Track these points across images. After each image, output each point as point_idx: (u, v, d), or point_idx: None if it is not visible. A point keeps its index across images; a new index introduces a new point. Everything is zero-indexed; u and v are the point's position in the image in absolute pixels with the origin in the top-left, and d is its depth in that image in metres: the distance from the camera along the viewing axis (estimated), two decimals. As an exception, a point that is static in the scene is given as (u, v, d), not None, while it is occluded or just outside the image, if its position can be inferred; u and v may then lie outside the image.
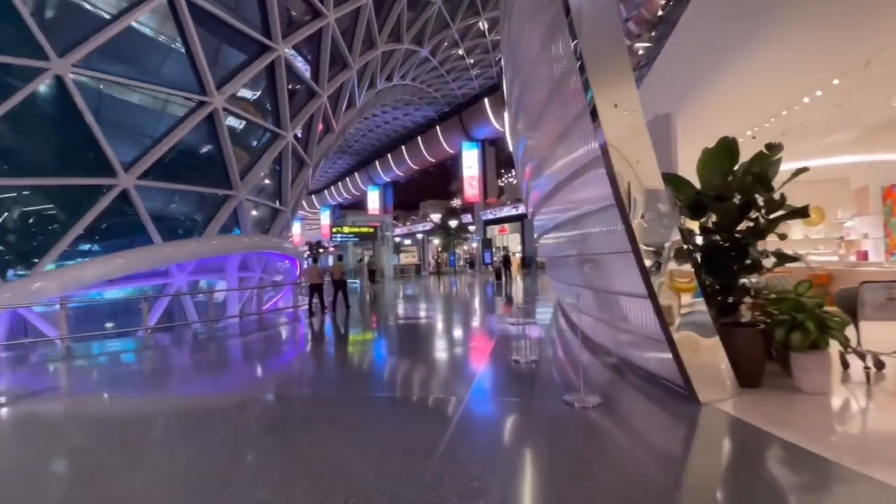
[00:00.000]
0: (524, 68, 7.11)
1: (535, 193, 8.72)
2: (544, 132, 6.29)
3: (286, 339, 9.40)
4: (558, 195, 6.02)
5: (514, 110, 10.09)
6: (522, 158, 10.05)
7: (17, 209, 9.66)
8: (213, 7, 10.77)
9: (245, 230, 13.76)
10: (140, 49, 10.37)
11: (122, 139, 10.33)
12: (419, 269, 40.37)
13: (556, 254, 7.93)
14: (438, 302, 14.84)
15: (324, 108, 16.75)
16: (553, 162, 5.95)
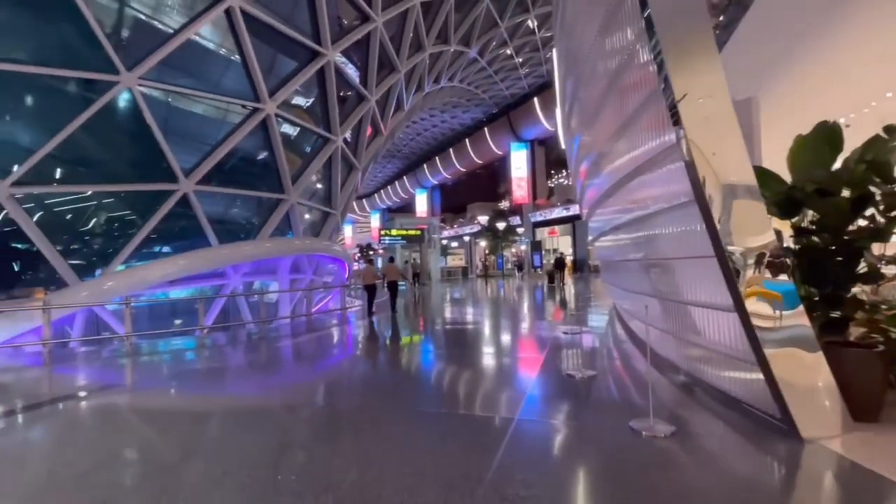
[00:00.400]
0: (581, 58, 6.58)
1: (590, 193, 8.11)
2: (603, 125, 5.74)
3: (332, 342, 9.40)
4: (619, 193, 5.45)
5: (568, 106, 9.52)
6: (577, 156, 9.44)
7: (91, 214, 10.42)
8: (267, 16, 11.08)
9: (297, 233, 14.10)
10: (199, 60, 10.88)
11: (184, 146, 10.87)
12: (466, 272, 40.08)
13: (615, 257, 7.29)
14: (486, 306, 14.44)
15: (372, 111, 16.90)
16: (613, 158, 5.40)
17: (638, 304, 6.41)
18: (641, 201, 4.61)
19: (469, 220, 55.71)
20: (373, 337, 9.55)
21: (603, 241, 8.47)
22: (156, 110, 9.87)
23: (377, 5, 14.54)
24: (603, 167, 6.16)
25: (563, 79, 10.30)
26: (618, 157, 5.17)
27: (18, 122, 9.24)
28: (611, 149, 5.50)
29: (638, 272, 5.67)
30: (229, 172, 11.73)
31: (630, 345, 6.77)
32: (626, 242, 5.89)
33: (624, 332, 7.74)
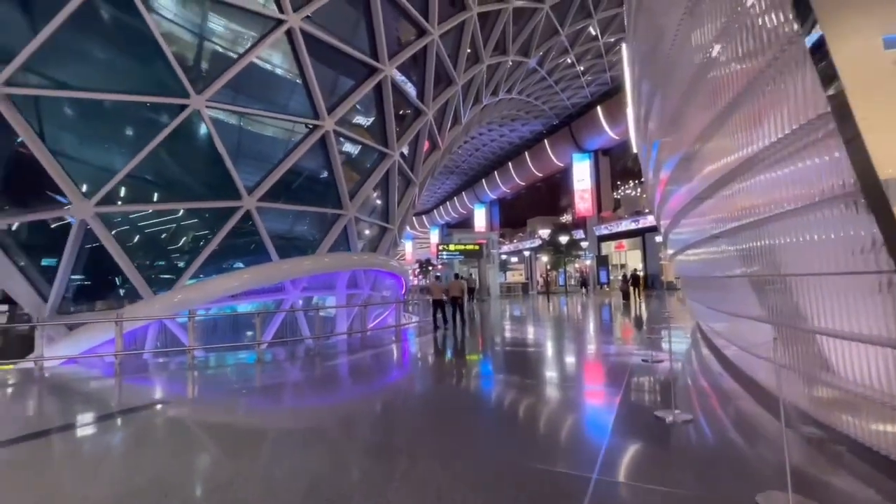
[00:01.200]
0: (660, 53, 5.72)
1: (674, 201, 7.07)
2: (693, 123, 4.83)
3: (388, 361, 8.99)
4: (717, 198, 4.48)
5: (644, 109, 8.53)
6: (655, 163, 8.39)
7: (163, 231, 11.03)
8: (326, 35, 11.26)
9: (354, 248, 14.09)
10: (261, 81, 11.27)
11: (248, 164, 11.23)
12: (527, 288, 38.67)
13: (708, 273, 6.17)
14: (551, 326, 13.38)
15: (429, 125, 16.74)
16: (709, 158, 4.47)
17: (739, 329, 5.28)
18: (755, 206, 3.65)
19: (529, 234, 54.20)
20: (428, 357, 9.01)
21: (689, 254, 7.32)
22: (221, 131, 10.27)
23: (433, 19, 14.43)
24: (693, 170, 5.20)
25: (636, 81, 9.31)
26: (717, 157, 4.25)
27: (101, 146, 10.00)
28: (704, 148, 4.57)
29: (743, 291, 4.61)
30: (290, 189, 11.97)
31: (729, 378, 5.60)
32: (726, 255, 4.85)
33: (716, 361, 6.52)
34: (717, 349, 7.10)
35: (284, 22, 10.27)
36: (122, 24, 8.84)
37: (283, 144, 11.85)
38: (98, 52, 9.13)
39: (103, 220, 9.55)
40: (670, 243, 9.91)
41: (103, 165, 9.52)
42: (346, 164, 13.70)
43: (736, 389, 5.12)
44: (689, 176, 5.52)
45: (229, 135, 10.77)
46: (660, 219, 10.64)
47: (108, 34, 9.04)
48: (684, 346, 8.71)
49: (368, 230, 16.09)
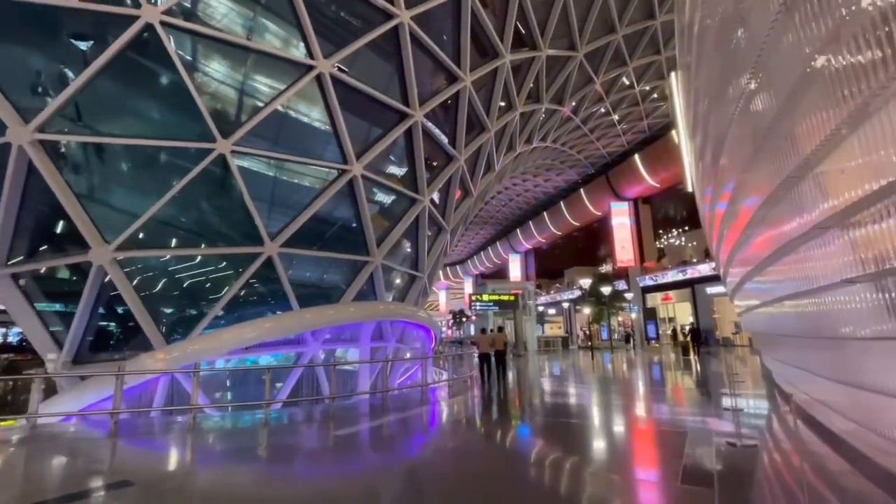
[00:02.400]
0: (743, 75, 4.79)
1: (755, 246, 5.82)
2: (785, 145, 3.78)
3: (415, 429, 7.75)
4: (831, 236, 3.32)
5: (712, 144, 7.39)
6: (728, 204, 7.15)
7: (181, 277, 10.66)
8: (356, 81, 11.19)
9: (380, 297, 13.27)
10: (289, 127, 11.16)
11: (272, 210, 10.90)
12: (567, 343, 36.26)
13: (808, 329, 4.79)
14: (605, 391, 11.59)
15: (461, 171, 16.30)
16: (818, 189, 3.37)
17: (865, 403, 3.86)
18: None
19: (567, 285, 52.04)
20: (459, 428, 7.70)
21: (777, 306, 5.92)
22: (247, 176, 10.07)
23: (465, 65, 14.36)
24: (790, 208, 4.05)
25: (701, 114, 8.26)
26: (833, 186, 3.15)
27: (125, 191, 9.95)
28: (814, 176, 3.48)
29: (885, 355, 3.28)
30: (314, 235, 11.50)
31: (860, 478, 4.05)
32: (850, 308, 3.56)
33: (827, 445, 4.93)
34: (820, 424, 5.50)
35: (314, 68, 10.26)
36: (152, 72, 8.99)
37: (310, 190, 11.55)
38: (128, 99, 9.28)
39: (121, 266, 9.27)
40: (744, 294, 8.43)
41: (125, 209, 9.38)
42: (374, 211, 13.25)
43: (875, 494, 3.60)
44: (779, 217, 4.37)
45: (255, 180, 10.57)
46: (726, 266, 9.21)
47: (138, 82, 9.21)
48: (774, 420, 7.01)
49: (398, 279, 15.34)
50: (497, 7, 15.44)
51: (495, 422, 7.81)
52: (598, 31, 20.63)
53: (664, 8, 21.75)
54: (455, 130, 15.51)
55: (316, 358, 11.72)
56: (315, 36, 10.10)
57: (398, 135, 12.70)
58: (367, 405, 9.50)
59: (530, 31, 17.31)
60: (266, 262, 10.44)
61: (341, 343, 12.71)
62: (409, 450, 6.41)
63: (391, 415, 8.48)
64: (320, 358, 11.81)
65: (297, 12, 9.80)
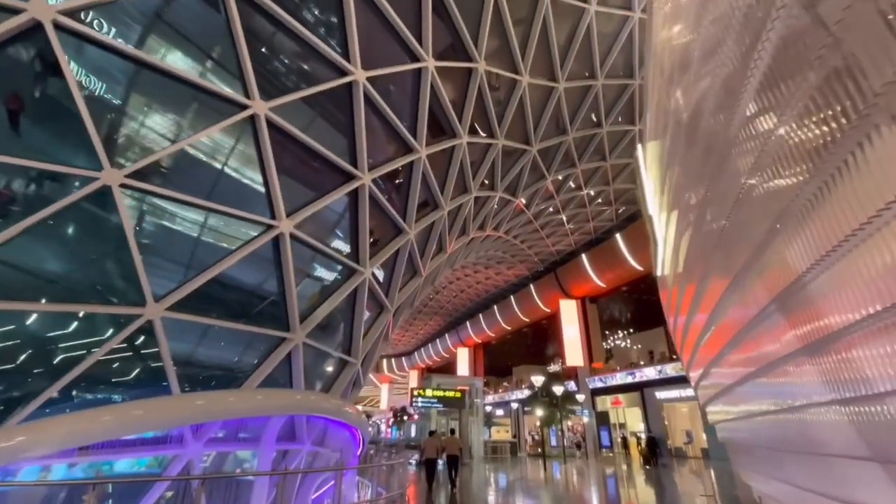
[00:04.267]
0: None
1: (722, 327, 4.65)
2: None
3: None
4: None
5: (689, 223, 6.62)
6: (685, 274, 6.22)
7: (18, 339, 7.82)
8: (298, 132, 10.06)
9: (297, 385, 10.74)
10: (207, 171, 9.51)
11: (165, 266, 8.74)
12: (515, 449, 32.93)
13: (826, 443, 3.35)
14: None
15: (410, 247, 15.00)
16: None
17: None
18: None
19: (515, 384, 49.71)
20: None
21: (756, 411, 4.54)
22: (136, 218, 8.08)
23: (421, 138, 13.87)
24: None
25: (673, 187, 7.65)
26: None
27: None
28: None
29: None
30: (216, 301, 9.27)
31: None
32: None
33: None
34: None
35: (248, 108, 9.04)
36: (33, 76, 7.31)
37: (219, 247, 9.59)
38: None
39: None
40: (715, 400, 7.13)
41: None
42: (301, 280, 11.33)
43: None
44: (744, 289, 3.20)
45: (147, 226, 8.55)
46: (691, 366, 8.05)
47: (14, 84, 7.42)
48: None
49: (324, 365, 12.87)
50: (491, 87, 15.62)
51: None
52: (551, 132, 21.72)
53: (610, 119, 23.63)
54: (406, 203, 14.53)
55: (192, 466, 8.66)
56: (254, 75, 9.05)
57: (341, 195, 11.38)
58: None
59: (488, 121, 17.68)
60: (144, 329, 7.99)
61: (235, 444, 9.74)
62: None
63: None
64: (198, 467, 8.73)
65: (236, 48, 8.81)
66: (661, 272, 8.13)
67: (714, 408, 9.69)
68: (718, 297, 5.25)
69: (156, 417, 8.19)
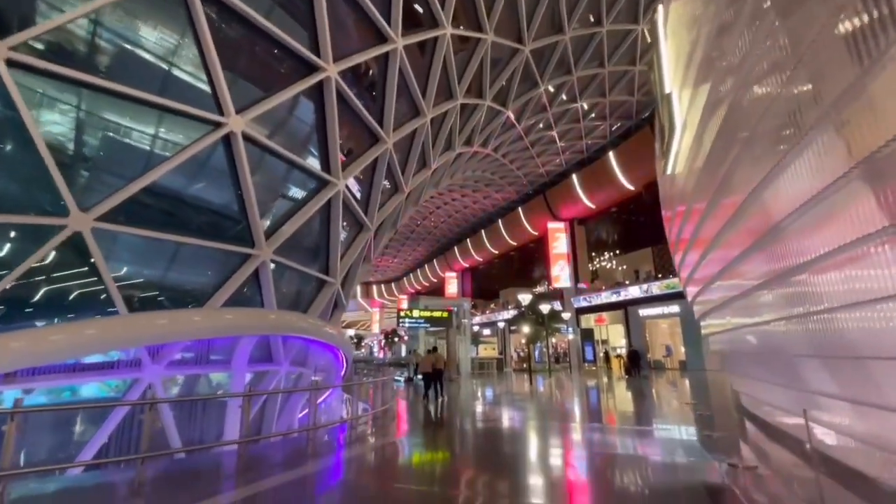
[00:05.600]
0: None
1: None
2: None
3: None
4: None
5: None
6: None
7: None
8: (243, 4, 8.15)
9: (269, 305, 9.92)
10: (133, 58, 7.70)
11: (95, 172, 7.34)
12: (501, 365, 34.11)
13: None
14: (565, 426, 9.07)
15: (389, 157, 13.55)
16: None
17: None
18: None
19: (502, 305, 50.78)
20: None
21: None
22: (46, 110, 6.53)
23: (397, 26, 11.83)
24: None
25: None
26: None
27: None
28: None
29: None
30: (161, 212, 8.03)
31: None
32: None
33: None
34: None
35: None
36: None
37: (158, 153, 8.12)
38: None
39: None
40: (704, 307, 6.53)
41: None
42: (264, 187, 10.04)
43: None
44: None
45: (62, 120, 7.00)
46: (685, 270, 7.37)
47: None
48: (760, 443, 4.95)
49: (302, 286, 12.03)
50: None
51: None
52: (546, 29, 19.30)
53: (611, 16, 21.08)
54: (383, 106, 12.82)
55: (154, 390, 8.00)
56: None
57: (302, 88, 9.71)
58: (233, 464, 6.09)
59: (476, 10, 15.32)
60: (74, 243, 6.82)
61: (201, 367, 9.09)
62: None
63: (308, 471, 5.19)
64: (159, 390, 8.06)
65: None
66: (672, 168, 7.04)
67: (710, 321, 9.27)
68: (748, 191, 4.28)
69: (112, 337, 7.30)
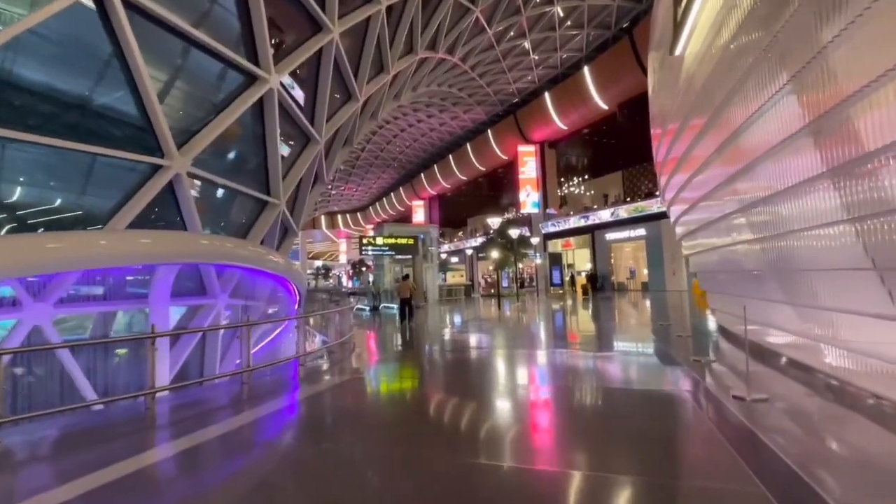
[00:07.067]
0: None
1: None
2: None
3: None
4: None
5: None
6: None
7: None
8: None
9: (193, 227, 8.26)
10: None
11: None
12: (469, 291, 34.09)
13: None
14: (540, 350, 8.41)
15: (335, 50, 11.27)
16: None
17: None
18: None
19: (470, 233, 50.24)
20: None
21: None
22: None
23: None
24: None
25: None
26: None
27: None
28: None
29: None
30: (23, 110, 5.98)
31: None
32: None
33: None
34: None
35: None
36: None
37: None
38: None
39: None
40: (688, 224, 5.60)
41: None
42: (172, 83, 7.93)
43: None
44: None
45: None
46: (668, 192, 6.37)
47: None
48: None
49: (236, 206, 10.30)
50: None
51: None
52: None
53: None
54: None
55: (46, 332, 6.49)
56: None
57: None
58: (167, 414, 4.87)
59: None
60: None
61: (110, 303, 7.57)
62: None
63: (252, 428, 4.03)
64: (48, 329, 6.53)
65: None
66: (682, 47, 5.59)
67: (692, 242, 8.49)
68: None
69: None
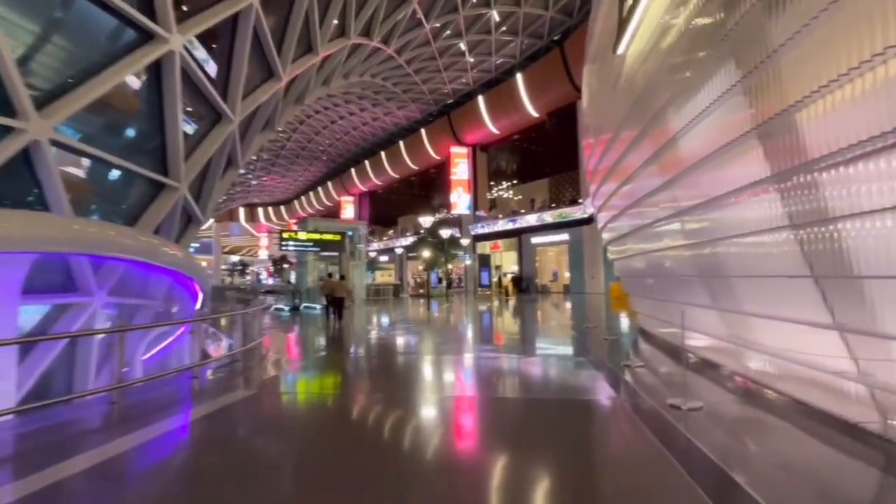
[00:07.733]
0: None
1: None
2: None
3: None
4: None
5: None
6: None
7: None
8: None
9: (58, 208, 6.70)
10: None
11: None
12: (398, 291, 33.36)
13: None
14: (469, 353, 7.95)
15: (254, 17, 10.03)
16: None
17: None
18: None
19: (400, 232, 49.47)
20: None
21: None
22: None
23: None
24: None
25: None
26: None
27: None
28: None
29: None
30: None
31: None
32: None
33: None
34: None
35: None
36: None
37: None
38: None
39: None
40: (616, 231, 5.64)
41: None
42: (40, 37, 6.37)
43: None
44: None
45: None
46: (595, 200, 6.41)
47: None
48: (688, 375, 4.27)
49: (122, 186, 8.69)
50: None
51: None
52: None
53: None
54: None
55: None
56: None
57: None
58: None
59: None
60: None
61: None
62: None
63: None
64: None
65: None
66: (626, 45, 5.49)
67: (618, 247, 8.69)
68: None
69: None
